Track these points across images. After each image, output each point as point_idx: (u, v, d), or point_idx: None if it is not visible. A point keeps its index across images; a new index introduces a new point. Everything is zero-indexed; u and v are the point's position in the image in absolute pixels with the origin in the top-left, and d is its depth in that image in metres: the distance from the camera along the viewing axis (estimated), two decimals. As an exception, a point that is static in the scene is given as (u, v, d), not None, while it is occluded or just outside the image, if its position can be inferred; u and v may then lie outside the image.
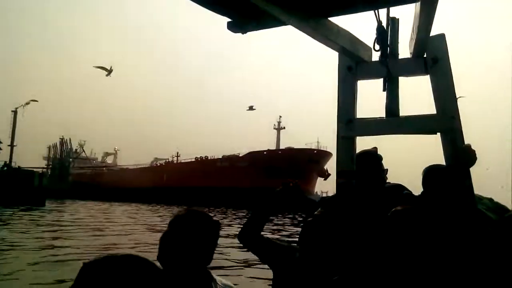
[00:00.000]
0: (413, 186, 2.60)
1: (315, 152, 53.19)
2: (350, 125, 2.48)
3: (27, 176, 37.69)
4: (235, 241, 11.46)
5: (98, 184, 73.35)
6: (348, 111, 2.51)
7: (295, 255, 2.35)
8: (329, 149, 52.24)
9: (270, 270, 2.44)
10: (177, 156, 69.89)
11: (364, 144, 2.63)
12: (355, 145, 2.51)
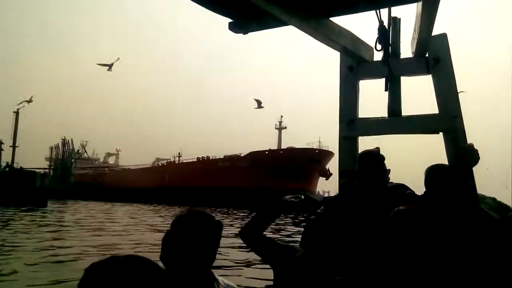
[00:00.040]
0: (416, 186, 2.59)
1: (316, 151, 53.10)
2: (352, 125, 2.48)
3: (29, 177, 37.67)
4: (235, 240, 11.53)
5: (100, 185, 73.42)
6: (350, 111, 2.51)
7: (296, 255, 2.35)
8: (331, 148, 52.24)
9: (270, 270, 2.43)
10: (178, 156, 69.94)
11: (366, 144, 2.63)
12: (357, 145, 2.51)
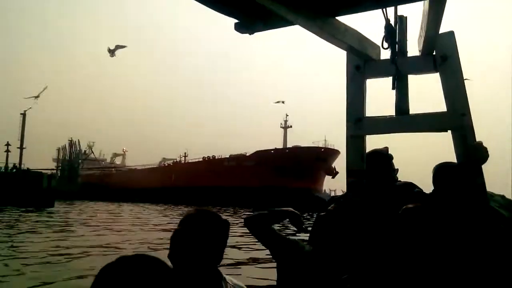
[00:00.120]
0: (424, 185, 2.57)
1: (322, 150, 52.96)
2: (359, 124, 2.47)
3: (36, 178, 37.98)
4: (240, 240, 11.53)
5: (107, 185, 73.79)
6: (357, 110, 2.50)
7: (303, 251, 2.34)
8: (337, 147, 52.13)
9: (272, 269, 2.42)
10: (185, 156, 70.16)
11: (373, 143, 2.62)
12: (364, 143, 2.49)
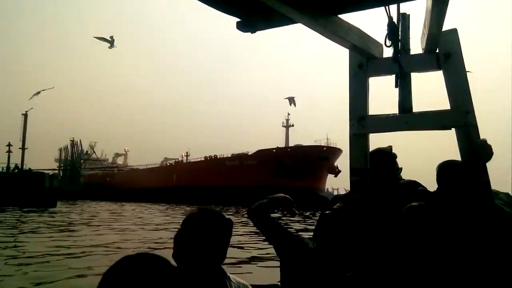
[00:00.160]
0: (428, 183, 2.57)
1: (324, 149, 52.92)
2: (362, 122, 2.46)
3: (37, 178, 37.97)
4: (242, 239, 11.53)
5: (109, 185, 73.96)
6: (360, 108, 2.49)
7: (307, 247, 2.33)
8: (339, 145, 52.09)
9: (273, 268, 2.41)
10: (186, 155, 70.24)
11: (375, 142, 2.61)
12: (368, 142, 2.48)
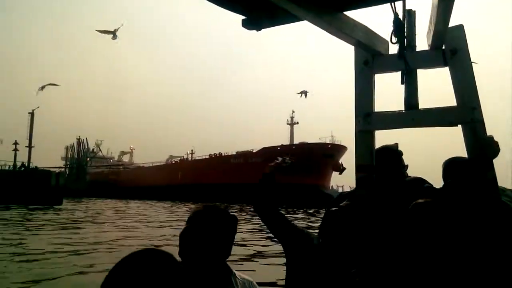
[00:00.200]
0: (434, 180, 2.56)
1: (329, 146, 52.86)
2: (368, 119, 2.45)
3: (43, 176, 38.27)
4: (245, 236, 11.55)
5: (114, 183, 74.30)
6: (365, 105, 2.48)
7: (313, 243, 2.34)
8: (344, 143, 51.99)
9: (280, 266, 2.42)
10: (191, 153, 70.37)
11: (382, 138, 2.60)
12: (373, 139, 2.48)
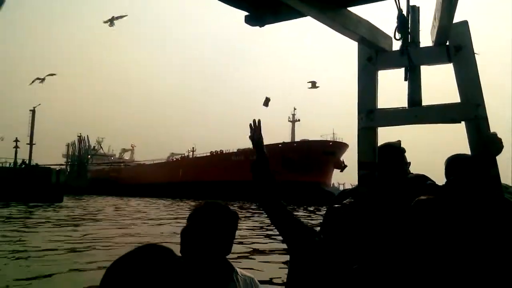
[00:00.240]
0: (436, 177, 2.55)
1: (330, 143, 52.73)
2: (371, 116, 2.44)
3: (44, 173, 38.24)
4: (247, 233, 11.54)
5: (115, 180, 74.39)
6: (368, 101, 2.47)
7: (315, 239, 2.33)
8: (345, 140, 51.93)
9: (278, 263, 2.41)
10: (192, 150, 70.40)
11: (385, 135, 2.59)
12: (376, 136, 2.47)
